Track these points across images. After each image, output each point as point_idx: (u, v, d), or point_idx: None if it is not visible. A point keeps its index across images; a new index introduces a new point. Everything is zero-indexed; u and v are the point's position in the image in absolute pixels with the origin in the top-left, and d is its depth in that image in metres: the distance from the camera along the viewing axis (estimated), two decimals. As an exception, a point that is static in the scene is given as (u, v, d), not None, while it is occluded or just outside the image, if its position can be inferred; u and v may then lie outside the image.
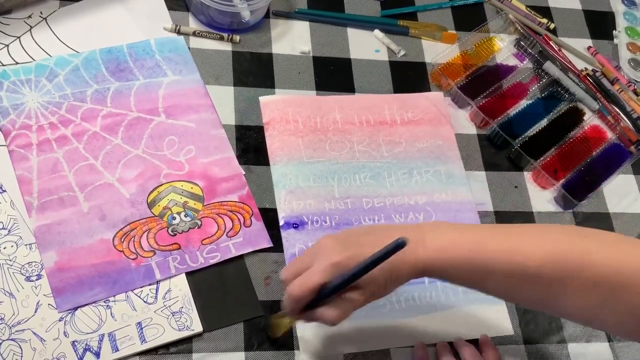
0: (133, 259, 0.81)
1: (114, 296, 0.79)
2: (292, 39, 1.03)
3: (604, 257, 0.66)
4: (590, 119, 1.05)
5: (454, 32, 1.10)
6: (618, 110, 1.06)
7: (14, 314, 0.76)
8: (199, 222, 0.85)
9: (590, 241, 0.68)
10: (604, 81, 1.09)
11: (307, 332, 0.81)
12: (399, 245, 0.63)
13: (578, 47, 1.13)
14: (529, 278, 0.67)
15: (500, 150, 1.00)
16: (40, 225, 0.81)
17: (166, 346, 0.78)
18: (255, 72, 0.99)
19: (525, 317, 0.88)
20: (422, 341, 0.83)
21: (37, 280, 0.78)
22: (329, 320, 0.69)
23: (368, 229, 0.77)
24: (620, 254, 0.66)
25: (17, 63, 0.91)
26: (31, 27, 0.95)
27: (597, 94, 1.07)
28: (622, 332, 0.72)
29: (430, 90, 1.04)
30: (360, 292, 0.68)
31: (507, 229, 0.75)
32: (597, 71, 1.11)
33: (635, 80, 1.11)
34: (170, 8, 1.01)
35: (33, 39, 0.94)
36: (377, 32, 1.07)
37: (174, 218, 0.85)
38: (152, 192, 0.86)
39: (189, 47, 0.98)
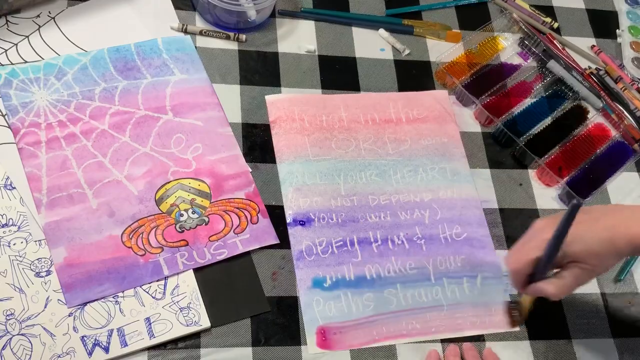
0: (141, 255, 0.82)
1: (123, 292, 0.80)
2: (298, 38, 1.04)
3: None
4: (594, 117, 1.06)
5: (459, 31, 1.11)
6: (622, 109, 1.07)
7: (24, 309, 0.77)
8: (207, 219, 0.86)
9: None
10: (608, 80, 1.10)
11: (313, 328, 0.82)
12: (575, 207, 0.68)
13: (582, 45, 1.14)
14: None
15: (504, 148, 1.01)
16: (49, 221, 0.82)
17: (174, 341, 0.78)
18: (261, 70, 0.99)
19: (530, 313, 0.88)
20: (428, 337, 0.84)
21: (46, 276, 0.79)
22: (549, 293, 0.74)
23: (583, 209, 0.79)
24: None
25: (26, 62, 0.92)
26: (40, 27, 0.95)
27: (601, 92, 1.08)
28: None
29: (435, 89, 1.04)
30: (580, 266, 0.73)
31: None
32: (600, 70, 1.11)
33: (639, 79, 1.11)
34: (177, 7, 1.02)
35: (42, 38, 0.95)
36: (382, 31, 1.07)
37: (181, 215, 0.86)
38: (159, 189, 0.87)
39: (195, 46, 0.99)
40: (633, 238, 0.72)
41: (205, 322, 0.79)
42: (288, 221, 0.88)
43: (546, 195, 0.98)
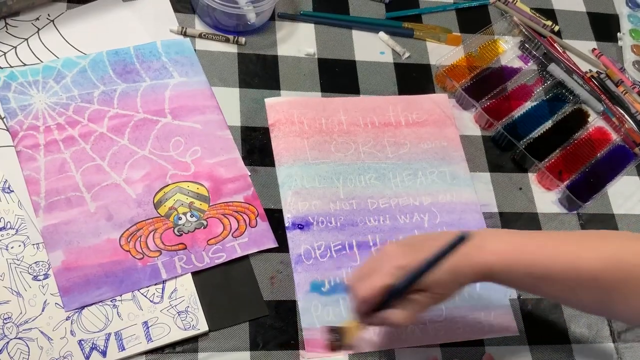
0: (139, 259, 0.82)
1: (121, 295, 0.80)
2: (298, 41, 1.03)
3: None
4: (595, 121, 1.05)
5: (459, 34, 1.10)
6: (622, 112, 1.06)
7: (21, 313, 0.77)
8: (205, 223, 0.86)
9: None
10: (609, 83, 1.10)
11: (311, 332, 0.82)
12: (460, 239, 0.65)
13: (582, 49, 1.14)
14: (589, 282, 0.68)
15: (504, 151, 1.01)
16: (47, 225, 0.82)
17: (172, 345, 0.78)
18: (260, 73, 0.99)
19: (530, 318, 0.88)
20: (427, 342, 0.84)
21: (44, 279, 0.79)
22: (395, 322, 0.71)
23: (430, 235, 0.79)
24: None
25: (24, 65, 0.92)
26: (39, 29, 0.95)
27: (602, 95, 1.08)
28: None
29: (434, 92, 1.04)
30: (425, 294, 0.70)
31: (566, 235, 0.76)
32: (601, 73, 1.11)
33: (640, 82, 1.11)
34: (176, 10, 1.02)
35: (41, 41, 0.95)
36: (382, 34, 1.07)
37: (180, 218, 0.85)
38: (158, 192, 0.87)
39: (195, 49, 0.99)
40: (475, 268, 0.69)
41: (203, 326, 0.79)
42: (287, 225, 0.88)
43: (546, 199, 0.98)
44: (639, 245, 0.70)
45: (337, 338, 0.75)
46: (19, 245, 0.81)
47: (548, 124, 1.03)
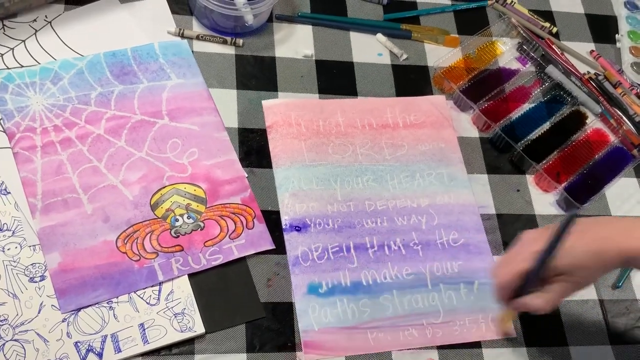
0: (136, 261, 0.82)
1: (117, 297, 0.79)
2: (295, 43, 1.03)
3: None
4: (593, 123, 1.05)
5: (457, 35, 1.10)
6: (620, 114, 1.06)
7: (17, 314, 0.77)
8: (202, 224, 0.86)
9: None
10: (607, 85, 1.10)
11: (308, 334, 0.81)
12: (570, 218, 0.69)
13: (581, 50, 1.14)
14: None
15: (502, 153, 1.01)
16: (44, 226, 0.82)
17: (168, 347, 0.78)
18: (258, 75, 0.99)
19: (528, 321, 0.88)
20: (425, 344, 0.84)
21: (40, 281, 0.79)
22: (535, 307, 0.74)
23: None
24: None
25: (22, 66, 0.92)
26: (36, 31, 0.95)
27: (600, 97, 1.08)
28: None
29: (432, 94, 1.04)
30: (568, 279, 0.72)
31: None
32: (599, 75, 1.11)
33: (638, 84, 1.11)
34: (174, 12, 1.01)
35: (38, 42, 0.95)
36: (379, 35, 1.07)
37: (176, 220, 0.85)
38: (155, 194, 0.86)
39: (192, 51, 0.99)
40: (622, 251, 0.71)
41: (200, 328, 0.79)
42: (284, 226, 0.88)
43: (544, 201, 0.98)
44: None
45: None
46: (16, 247, 0.80)
47: (546, 126, 1.03)
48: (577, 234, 0.71)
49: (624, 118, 1.06)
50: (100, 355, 0.76)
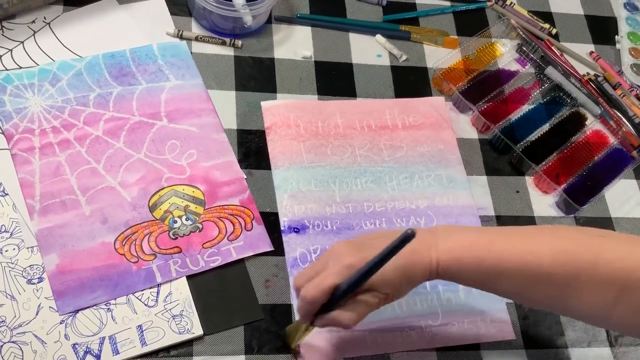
0: (134, 262, 0.82)
1: (115, 299, 0.79)
2: (294, 44, 1.03)
3: (616, 255, 0.66)
4: (592, 124, 1.05)
5: (456, 37, 1.10)
6: (620, 115, 1.06)
7: (15, 316, 0.77)
8: (200, 226, 0.85)
9: (602, 240, 0.69)
10: (606, 86, 1.09)
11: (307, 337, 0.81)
12: (407, 237, 0.62)
13: (580, 52, 1.13)
14: (541, 277, 0.67)
15: (501, 155, 1.00)
16: (42, 228, 0.81)
17: (167, 349, 0.78)
18: (257, 76, 0.99)
19: (527, 322, 0.87)
20: (423, 346, 0.83)
21: (38, 283, 0.79)
22: (343, 323, 0.69)
23: (380, 233, 0.77)
24: (633, 253, 0.66)
25: (20, 67, 0.92)
26: (35, 32, 0.95)
27: (599, 99, 1.07)
28: (634, 331, 0.72)
29: (431, 95, 1.04)
30: (374, 294, 0.68)
31: (518, 230, 0.74)
32: (599, 76, 1.11)
33: (638, 85, 1.11)
34: (172, 13, 1.01)
35: (36, 43, 0.94)
36: (379, 37, 1.07)
37: (175, 221, 0.85)
38: (153, 195, 0.86)
39: (191, 52, 0.98)
40: (426, 267, 0.68)
41: (198, 330, 0.79)
42: (282, 228, 0.88)
43: (543, 203, 0.98)
44: (591, 240, 0.68)
45: (285, 338, 0.76)
46: (14, 249, 0.80)
47: (545, 127, 1.03)
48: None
49: (624, 119, 1.06)
50: (98, 357, 0.76)
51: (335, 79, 1.02)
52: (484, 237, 0.70)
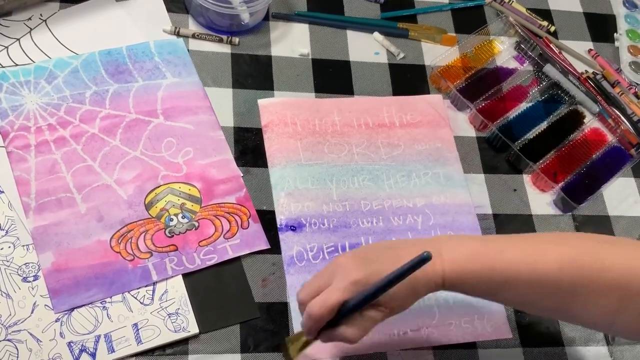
0: (130, 260, 0.81)
1: (111, 297, 0.79)
2: (292, 42, 1.03)
3: (621, 261, 0.66)
4: (591, 122, 1.05)
5: (454, 34, 1.10)
6: (618, 113, 1.06)
7: (10, 314, 0.76)
8: (196, 224, 0.85)
9: (608, 246, 0.69)
10: (605, 84, 1.09)
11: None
12: (424, 260, 0.62)
13: (579, 49, 1.13)
14: (548, 286, 0.67)
15: (499, 153, 1.00)
16: (37, 226, 0.81)
17: (162, 347, 0.78)
18: (254, 74, 0.99)
19: (524, 321, 0.87)
20: (420, 345, 0.83)
21: (33, 281, 0.79)
22: (349, 339, 0.68)
23: (385, 244, 0.76)
24: (638, 259, 0.66)
25: (16, 65, 0.92)
26: (31, 29, 0.95)
27: (598, 96, 1.07)
28: (637, 336, 0.72)
29: (429, 93, 1.03)
30: (380, 309, 0.68)
31: (523, 239, 0.73)
32: (597, 74, 1.10)
33: (636, 83, 1.10)
34: (169, 10, 1.01)
35: (33, 41, 0.94)
36: (376, 34, 1.07)
37: (171, 219, 0.85)
38: (149, 193, 0.86)
39: (188, 49, 0.98)
40: (431, 279, 0.67)
41: (194, 328, 0.79)
42: (279, 226, 0.88)
43: (541, 201, 0.97)
44: (597, 247, 0.68)
45: (284, 352, 0.75)
46: (9, 247, 0.80)
47: (543, 125, 1.03)
48: (393, 260, 0.65)
49: (622, 117, 1.05)
50: (93, 355, 0.76)
51: (332, 77, 1.01)
52: (491, 247, 0.69)
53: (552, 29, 1.14)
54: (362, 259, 0.68)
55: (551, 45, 1.11)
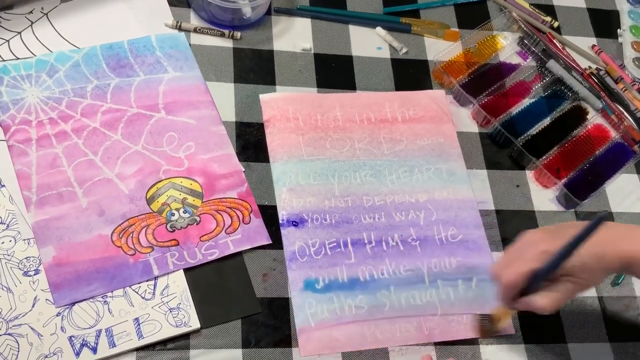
0: (131, 255, 0.81)
1: (112, 292, 0.79)
2: (294, 36, 1.02)
3: None
4: (594, 118, 1.04)
5: (457, 29, 1.09)
6: (622, 109, 1.05)
7: (11, 308, 0.76)
8: (198, 219, 0.85)
9: None
10: (608, 80, 1.08)
11: (305, 330, 0.81)
12: (601, 219, 0.66)
13: (582, 45, 1.12)
14: None
15: (502, 148, 1.00)
16: (38, 220, 0.81)
17: (163, 342, 0.77)
18: (256, 69, 0.98)
19: (526, 317, 0.87)
20: (422, 341, 0.83)
21: (35, 275, 0.78)
22: (540, 308, 0.73)
23: (569, 223, 0.81)
24: None
25: (17, 58, 0.91)
26: (32, 23, 0.95)
27: (601, 92, 1.07)
28: None
29: (432, 88, 1.03)
30: (571, 280, 0.72)
31: None
32: (601, 70, 1.10)
33: (640, 79, 1.10)
34: (171, 4, 1.01)
35: (34, 34, 0.94)
36: (379, 29, 1.06)
37: (172, 214, 0.85)
38: (151, 188, 0.86)
39: (189, 44, 0.98)
40: (621, 255, 0.71)
41: (195, 323, 0.78)
42: (281, 221, 0.87)
43: (543, 197, 0.97)
44: None
45: (487, 324, 0.79)
46: (10, 241, 0.80)
47: (546, 121, 1.02)
48: None
49: (625, 114, 1.05)
50: (94, 349, 0.75)
51: (334, 72, 1.01)
52: None
53: (556, 24, 1.14)
54: (550, 232, 0.74)
55: (554, 41, 1.11)
